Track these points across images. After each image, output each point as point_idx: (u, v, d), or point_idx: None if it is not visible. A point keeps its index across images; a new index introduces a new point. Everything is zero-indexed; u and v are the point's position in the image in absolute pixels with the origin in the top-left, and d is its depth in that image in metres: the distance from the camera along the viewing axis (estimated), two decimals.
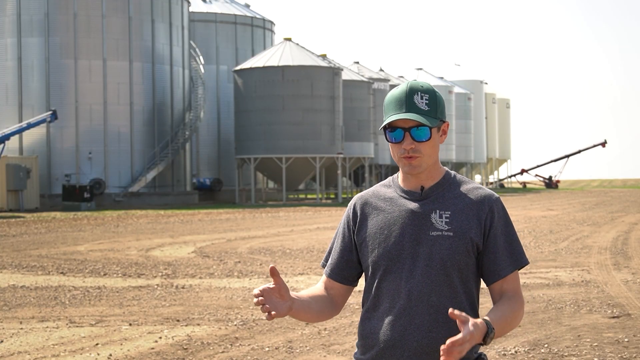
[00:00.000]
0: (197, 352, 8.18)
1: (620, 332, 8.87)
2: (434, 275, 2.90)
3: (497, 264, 2.93)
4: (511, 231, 2.98)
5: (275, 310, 2.79)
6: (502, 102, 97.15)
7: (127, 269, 15.55)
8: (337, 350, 8.18)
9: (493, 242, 2.93)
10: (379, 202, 3.04)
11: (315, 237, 22.89)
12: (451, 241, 2.90)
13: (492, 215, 2.94)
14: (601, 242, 20.28)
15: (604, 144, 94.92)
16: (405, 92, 2.91)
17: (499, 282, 2.95)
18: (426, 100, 2.91)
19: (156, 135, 51.53)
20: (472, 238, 2.91)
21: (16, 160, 45.23)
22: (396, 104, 2.92)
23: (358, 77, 60.18)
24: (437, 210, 2.93)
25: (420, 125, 2.89)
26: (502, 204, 3.00)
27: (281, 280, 2.81)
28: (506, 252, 2.95)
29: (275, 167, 52.25)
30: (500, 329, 2.81)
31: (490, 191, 3.00)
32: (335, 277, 3.10)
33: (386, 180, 3.12)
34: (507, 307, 2.89)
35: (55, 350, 8.33)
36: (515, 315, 2.90)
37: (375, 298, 2.98)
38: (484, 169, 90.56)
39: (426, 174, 2.97)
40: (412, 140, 2.90)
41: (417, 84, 2.94)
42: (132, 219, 34.02)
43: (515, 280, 2.97)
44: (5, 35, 49.44)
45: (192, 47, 57.92)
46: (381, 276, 2.96)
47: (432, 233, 2.91)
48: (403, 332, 2.91)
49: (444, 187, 2.98)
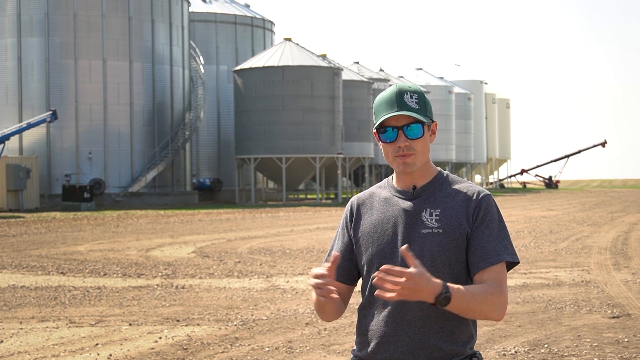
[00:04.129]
0: (197, 352, 8.18)
1: (620, 332, 8.87)
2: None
3: (478, 256, 2.94)
4: (497, 226, 2.98)
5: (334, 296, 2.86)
6: (502, 102, 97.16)
7: (127, 269, 15.55)
8: (337, 350, 8.18)
9: (476, 235, 2.96)
10: (374, 202, 3.12)
11: (315, 237, 22.89)
12: (441, 238, 2.95)
13: (479, 210, 2.98)
14: (601, 242, 20.28)
15: (604, 144, 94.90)
16: (395, 93, 2.98)
17: (479, 273, 2.94)
18: (416, 100, 2.99)
19: (156, 135, 51.53)
20: (462, 234, 2.95)
21: (16, 160, 45.22)
22: (387, 105, 2.98)
23: (358, 77, 60.17)
24: (428, 209, 3.00)
25: (413, 123, 2.96)
26: (492, 200, 3.02)
27: (335, 269, 2.90)
28: (489, 245, 2.95)
29: (275, 167, 52.25)
30: (461, 301, 2.78)
31: (480, 188, 3.04)
32: (340, 277, 3.15)
33: (382, 182, 3.19)
34: (479, 287, 2.88)
35: (55, 350, 8.33)
36: (487, 298, 2.85)
37: (370, 295, 3.05)
38: (484, 169, 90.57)
39: (419, 172, 3.04)
40: (405, 138, 2.97)
41: (405, 85, 3.02)
42: (132, 219, 34.02)
43: (497, 272, 2.93)
44: (5, 35, 49.43)
45: (192, 47, 57.91)
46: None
47: (423, 231, 2.97)
48: (396, 328, 2.97)
49: (435, 186, 3.05)
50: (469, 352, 2.97)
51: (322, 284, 2.85)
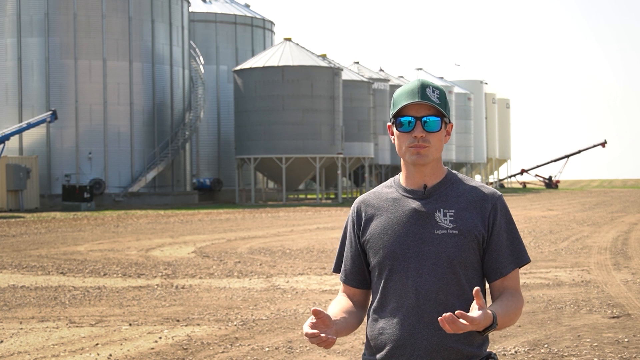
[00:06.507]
0: (197, 352, 8.17)
1: (620, 332, 8.86)
2: (441, 273, 2.91)
3: (500, 262, 2.95)
4: (513, 229, 3.00)
5: (331, 337, 2.78)
6: (502, 102, 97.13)
7: (127, 269, 15.54)
8: (337, 351, 8.17)
9: (496, 240, 2.95)
10: (381, 203, 3.05)
11: (315, 237, 22.88)
12: (457, 239, 2.91)
13: (495, 213, 2.96)
14: (601, 242, 20.28)
15: (604, 144, 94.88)
16: (417, 85, 2.95)
17: (500, 279, 2.97)
18: (437, 95, 2.96)
19: (156, 135, 51.53)
20: (477, 236, 2.93)
21: (16, 160, 45.22)
22: (408, 95, 2.94)
23: (358, 77, 60.17)
24: (441, 209, 2.95)
25: (432, 116, 2.92)
26: (505, 202, 3.02)
27: (324, 314, 2.80)
28: (508, 249, 2.96)
29: (275, 167, 52.24)
30: (500, 325, 2.83)
31: (493, 189, 3.02)
32: (354, 283, 3.11)
33: (387, 181, 3.13)
34: (511, 304, 2.91)
35: (55, 350, 8.33)
36: (517, 313, 2.93)
37: (382, 298, 2.99)
38: (484, 169, 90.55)
39: (430, 170, 2.99)
40: (422, 129, 2.93)
41: (427, 81, 2.98)
42: (132, 219, 34.02)
43: (515, 278, 2.99)
44: (5, 35, 49.43)
45: (192, 47, 57.91)
46: (387, 276, 2.97)
47: (437, 231, 2.92)
48: (412, 330, 2.92)
49: (447, 186, 3.00)
50: (485, 353, 2.96)
51: (316, 334, 2.74)
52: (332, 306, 3.08)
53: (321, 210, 41.98)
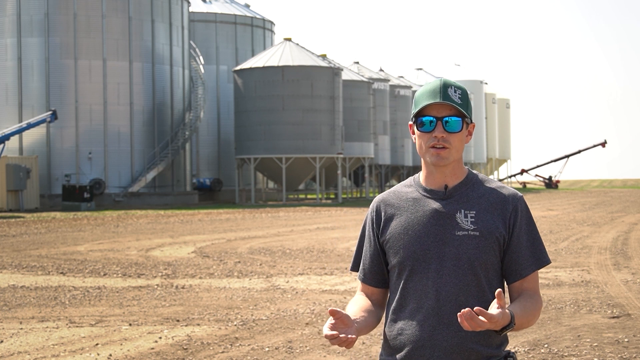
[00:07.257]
0: (197, 352, 8.17)
1: (620, 332, 8.87)
2: (462, 275, 2.91)
3: (520, 263, 2.96)
4: (534, 230, 3.00)
5: (351, 336, 2.78)
6: (502, 102, 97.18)
7: (127, 269, 15.55)
8: (337, 350, 8.17)
9: (516, 241, 2.95)
10: (401, 202, 3.03)
11: (315, 237, 22.88)
12: (478, 241, 2.91)
13: (516, 214, 2.96)
14: (601, 242, 20.28)
15: (604, 144, 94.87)
16: (439, 85, 2.94)
17: (520, 281, 2.97)
18: (459, 95, 2.95)
19: (156, 135, 51.53)
20: (498, 237, 2.93)
21: (16, 160, 45.23)
22: (430, 94, 2.93)
23: (358, 77, 60.17)
24: (462, 210, 2.94)
25: (453, 116, 2.91)
26: (526, 203, 3.01)
27: (342, 313, 2.81)
28: (528, 251, 2.97)
29: (275, 167, 52.24)
30: (518, 325, 2.84)
31: (514, 190, 3.01)
32: (373, 282, 3.11)
33: (407, 180, 3.11)
34: (529, 305, 2.92)
35: (55, 350, 8.33)
36: (535, 314, 2.93)
37: (402, 299, 2.98)
38: (484, 169, 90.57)
39: (450, 170, 2.98)
40: (443, 130, 2.91)
41: (449, 80, 2.98)
42: (132, 219, 34.02)
43: (535, 280, 2.99)
44: (5, 35, 49.43)
45: (192, 47, 57.92)
46: (407, 277, 2.97)
47: (458, 233, 2.92)
48: (432, 331, 2.92)
49: (468, 186, 2.99)
50: (504, 353, 2.96)
51: (335, 335, 2.75)
52: (350, 305, 3.07)
53: (321, 210, 41.97)
